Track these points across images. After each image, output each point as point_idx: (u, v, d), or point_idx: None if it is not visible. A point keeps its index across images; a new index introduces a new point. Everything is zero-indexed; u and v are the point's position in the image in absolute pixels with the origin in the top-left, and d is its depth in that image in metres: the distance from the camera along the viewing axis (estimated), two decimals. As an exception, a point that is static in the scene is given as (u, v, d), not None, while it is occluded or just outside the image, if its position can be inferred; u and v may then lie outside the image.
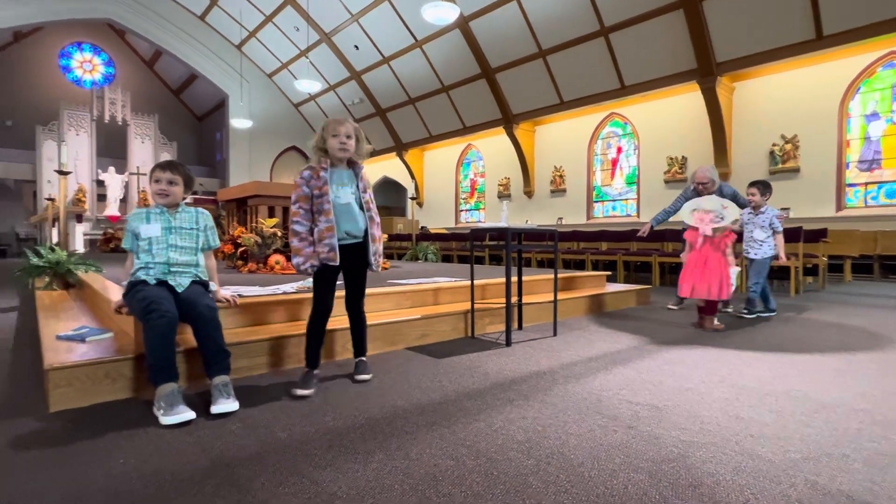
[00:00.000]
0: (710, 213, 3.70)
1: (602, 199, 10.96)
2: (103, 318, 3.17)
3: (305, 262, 2.29)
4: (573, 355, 2.93)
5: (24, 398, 2.11)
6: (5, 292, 5.73)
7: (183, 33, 15.26)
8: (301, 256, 2.29)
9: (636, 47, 8.88)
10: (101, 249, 12.63)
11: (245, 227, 5.65)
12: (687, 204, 3.88)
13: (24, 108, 16.58)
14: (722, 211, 3.65)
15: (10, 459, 1.54)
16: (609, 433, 1.77)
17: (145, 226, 2.26)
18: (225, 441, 1.69)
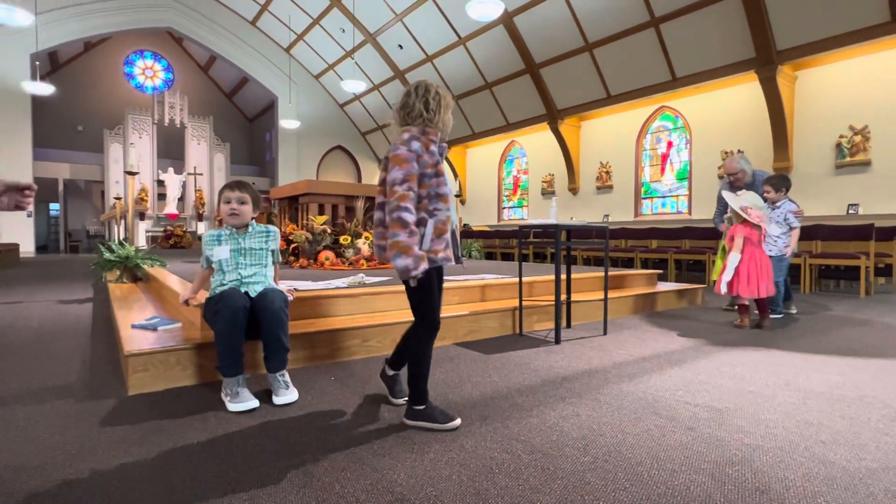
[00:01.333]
0: (764, 211, 3.60)
1: (651, 196, 10.62)
2: (170, 309, 3.37)
3: (417, 265, 1.68)
4: (625, 354, 2.87)
5: (105, 381, 2.28)
6: (81, 285, 6.18)
7: (235, 38, 15.90)
8: (410, 257, 1.67)
9: (689, 37, 8.53)
10: (162, 245, 13.38)
11: (296, 224, 5.84)
12: (735, 200, 3.68)
13: (93, 114, 17.76)
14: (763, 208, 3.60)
15: (97, 437, 1.67)
16: (667, 434, 1.73)
17: (217, 248, 2.30)
18: (288, 427, 1.77)
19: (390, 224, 1.70)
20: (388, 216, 1.72)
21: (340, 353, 2.70)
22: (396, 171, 1.73)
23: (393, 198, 1.71)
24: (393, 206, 1.70)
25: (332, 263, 5.14)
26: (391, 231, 1.70)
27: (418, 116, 1.84)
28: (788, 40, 7.67)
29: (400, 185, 1.71)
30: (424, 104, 1.85)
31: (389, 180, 1.74)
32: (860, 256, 5.61)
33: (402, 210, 1.69)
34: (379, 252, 1.85)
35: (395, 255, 1.68)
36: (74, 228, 17.61)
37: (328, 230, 5.32)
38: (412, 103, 1.86)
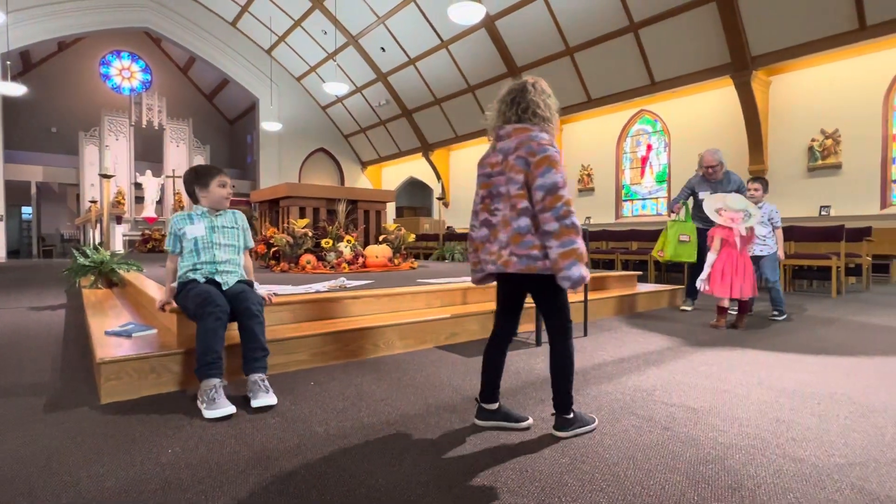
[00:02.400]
0: (739, 213, 3.63)
1: (631, 198, 10.78)
2: (146, 315, 3.31)
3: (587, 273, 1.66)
4: (604, 356, 2.90)
5: (77, 390, 2.22)
6: (54, 291, 6.01)
7: (215, 39, 15.69)
8: (584, 265, 1.64)
9: (667, 42, 8.69)
10: (140, 250, 13.11)
11: (277, 228, 5.78)
12: (710, 201, 3.76)
13: (68, 115, 17.34)
14: (749, 209, 3.63)
15: (68, 447, 1.63)
16: (644, 434, 1.75)
17: (190, 226, 2.37)
18: (265, 434, 1.74)
19: (563, 230, 1.58)
20: (558, 222, 1.59)
21: (320, 357, 2.67)
22: (555, 173, 1.61)
23: (560, 202, 1.59)
24: (564, 211, 1.59)
25: (314, 267, 5.10)
26: (566, 238, 1.58)
27: (537, 115, 1.74)
28: (762, 46, 7.87)
29: (563, 189, 1.61)
30: (545, 103, 1.77)
31: (548, 184, 1.60)
32: (831, 257, 5.76)
33: (574, 216, 1.61)
34: (527, 262, 1.65)
35: (573, 264, 1.59)
36: (48, 233, 17.15)
37: (309, 233, 5.28)
38: (535, 100, 1.74)
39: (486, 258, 1.79)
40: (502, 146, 1.75)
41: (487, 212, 1.80)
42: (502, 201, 1.73)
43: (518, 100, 1.76)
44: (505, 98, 1.80)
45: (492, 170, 1.78)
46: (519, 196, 1.66)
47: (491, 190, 1.79)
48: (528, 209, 1.65)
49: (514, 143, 1.71)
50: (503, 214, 1.72)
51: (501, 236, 1.71)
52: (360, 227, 6.00)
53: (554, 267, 1.61)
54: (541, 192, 1.61)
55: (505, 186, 1.72)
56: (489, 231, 1.79)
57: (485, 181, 1.82)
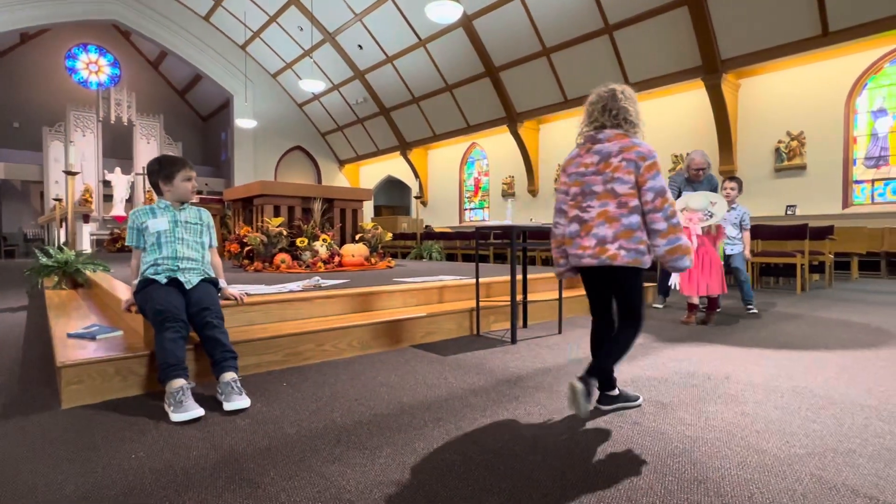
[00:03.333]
0: (697, 213, 3.70)
1: (606, 198, 10.99)
2: (113, 316, 3.21)
3: None
4: (578, 353, 2.94)
5: (37, 395, 2.14)
6: (14, 292, 5.79)
7: (187, 34, 15.32)
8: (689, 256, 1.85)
9: (640, 45, 8.85)
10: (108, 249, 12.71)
11: (251, 227, 5.68)
12: (677, 202, 3.85)
13: (31, 110, 16.70)
14: (710, 208, 3.68)
15: (25, 455, 1.57)
16: (615, 429, 1.78)
17: (152, 220, 2.32)
18: (234, 437, 1.71)
19: (671, 229, 1.79)
20: (667, 222, 1.79)
21: (294, 358, 2.64)
22: (661, 178, 1.81)
23: (667, 204, 1.80)
24: (671, 211, 1.80)
25: (289, 266, 5.03)
26: (675, 235, 1.80)
27: (628, 121, 1.89)
28: (732, 50, 8.08)
29: (668, 192, 1.82)
30: (635, 110, 1.92)
31: (658, 187, 1.79)
32: (796, 255, 5.96)
33: (679, 216, 1.84)
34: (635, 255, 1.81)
35: (682, 257, 1.81)
36: (10, 232, 16.50)
37: (284, 232, 5.20)
38: (625, 107, 1.89)
39: (578, 252, 1.90)
40: (600, 148, 1.88)
41: (578, 208, 1.91)
42: (597, 199, 1.86)
43: (609, 106, 1.89)
44: (595, 104, 1.93)
45: (586, 169, 1.90)
46: (629, 195, 1.81)
47: (584, 188, 1.90)
48: (638, 207, 1.82)
49: (616, 147, 1.85)
50: (600, 211, 1.85)
51: (601, 231, 1.84)
52: (337, 226, 5.94)
53: (661, 260, 1.83)
54: (651, 193, 1.79)
55: (605, 185, 1.85)
56: (580, 226, 1.90)
57: (577, 179, 1.92)
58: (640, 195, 1.81)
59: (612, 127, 1.89)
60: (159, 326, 2.07)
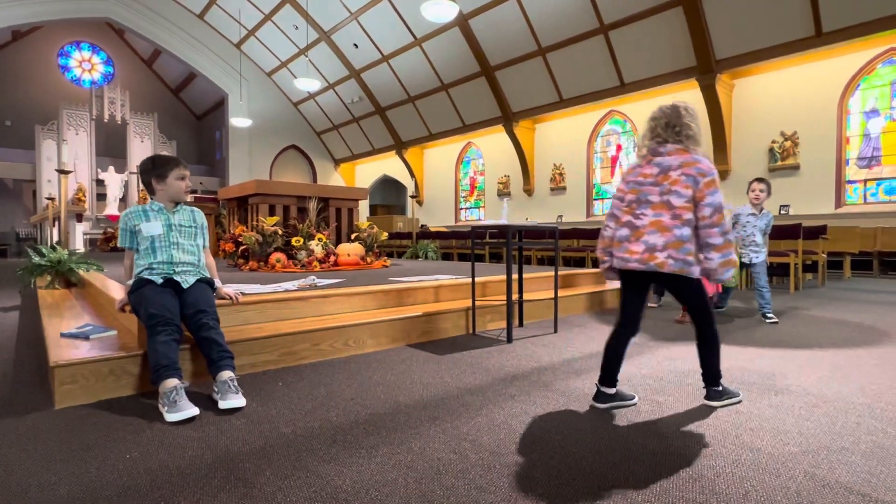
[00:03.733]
0: None
1: (602, 197, 10.98)
2: (106, 316, 3.19)
3: None
4: (574, 351, 2.95)
5: (30, 395, 2.12)
6: (7, 291, 5.74)
7: (182, 32, 15.24)
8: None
9: (636, 45, 8.88)
10: (102, 249, 12.63)
11: (246, 226, 5.66)
12: None
13: (23, 108, 16.57)
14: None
15: (18, 455, 1.55)
16: (610, 427, 1.78)
17: (146, 224, 2.30)
18: (230, 436, 1.70)
19: (726, 244, 1.89)
20: (723, 237, 1.88)
21: (289, 357, 2.63)
22: (719, 195, 1.90)
23: (724, 220, 1.90)
24: (727, 227, 1.91)
25: (284, 266, 5.01)
26: (727, 250, 1.89)
27: (690, 137, 1.97)
28: (726, 50, 8.12)
29: (724, 209, 1.92)
30: (697, 126, 2.00)
31: (716, 204, 1.87)
32: (790, 254, 5.99)
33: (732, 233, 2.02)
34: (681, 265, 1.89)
35: (729, 269, 1.91)
36: (2, 231, 16.36)
37: (280, 232, 5.19)
38: (687, 124, 1.97)
39: (625, 256, 1.99)
40: (661, 161, 1.96)
41: (631, 215, 2.00)
42: (651, 208, 1.95)
43: (672, 123, 1.97)
44: (658, 119, 2.01)
45: (644, 179, 1.98)
46: (684, 208, 1.89)
47: (639, 196, 1.98)
48: (691, 221, 1.90)
49: (677, 161, 1.92)
50: (653, 220, 1.94)
51: (651, 239, 1.93)
52: (332, 225, 5.93)
53: (712, 272, 1.92)
54: (709, 209, 1.87)
55: (661, 197, 1.93)
56: (631, 232, 1.98)
57: (635, 188, 2.00)
58: (697, 210, 1.89)
59: (674, 142, 1.96)
60: (151, 330, 2.06)
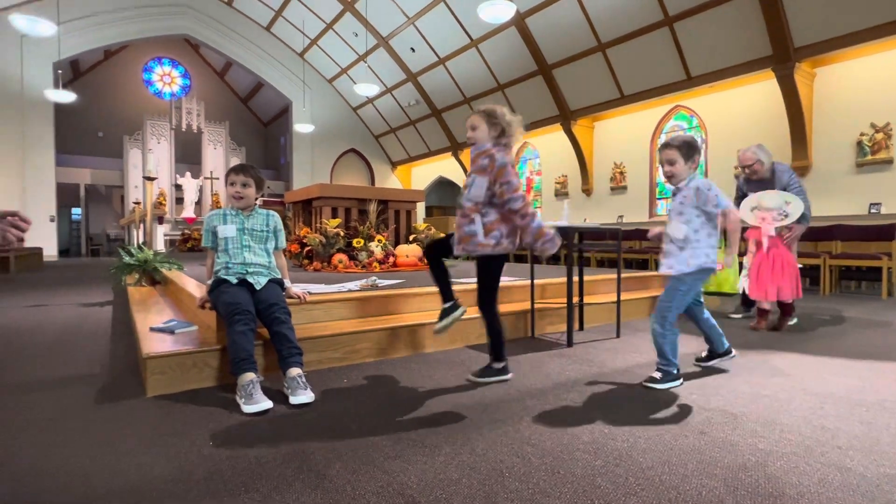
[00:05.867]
0: (771, 212, 3.47)
1: (666, 196, 10.51)
2: (186, 312, 3.44)
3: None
4: (638, 358, 2.85)
5: (125, 383, 2.33)
6: (101, 288, 6.32)
7: (250, 44, 16.12)
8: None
9: (704, 35, 8.43)
10: (180, 249, 13.61)
11: (310, 228, 5.91)
12: (746, 201, 3.61)
13: (113, 120, 18.15)
14: (785, 207, 3.43)
15: (119, 437, 1.72)
16: (680, 438, 1.71)
17: (222, 226, 2.46)
18: (301, 429, 1.79)
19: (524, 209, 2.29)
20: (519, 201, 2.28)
21: (353, 355, 2.72)
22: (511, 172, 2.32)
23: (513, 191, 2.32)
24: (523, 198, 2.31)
25: (346, 266, 5.19)
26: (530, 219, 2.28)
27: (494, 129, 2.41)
28: (806, 37, 7.54)
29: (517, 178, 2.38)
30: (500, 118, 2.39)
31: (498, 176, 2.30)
32: (882, 257, 5.48)
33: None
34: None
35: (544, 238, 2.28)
36: (95, 232, 17.99)
37: (341, 233, 5.37)
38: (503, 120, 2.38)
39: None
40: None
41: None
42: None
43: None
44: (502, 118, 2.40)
45: None
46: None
47: None
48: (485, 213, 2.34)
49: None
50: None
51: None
52: (391, 227, 6.06)
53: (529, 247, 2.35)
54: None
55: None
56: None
57: None
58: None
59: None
60: (230, 319, 2.19)
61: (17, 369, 2.56)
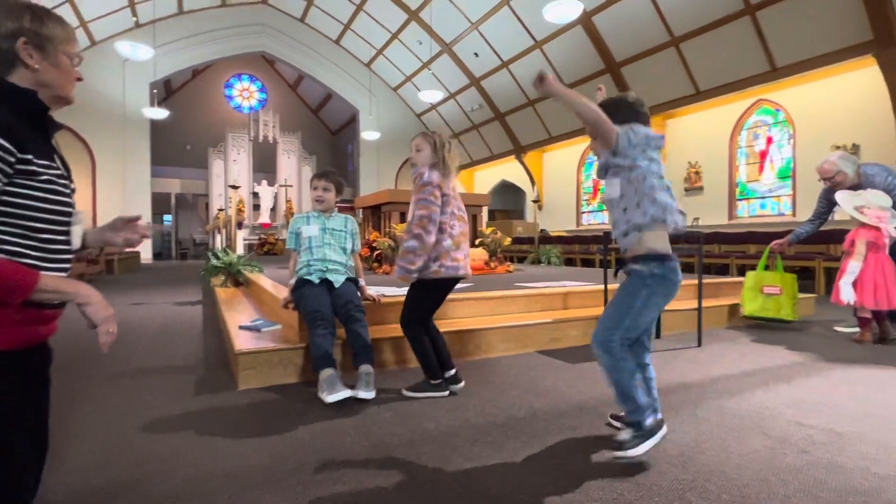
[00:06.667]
0: (886, 211, 3.14)
1: (748, 197, 9.82)
2: (269, 312, 3.65)
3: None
4: (723, 368, 2.68)
5: (218, 377, 2.52)
6: (190, 288, 6.86)
7: (321, 57, 16.92)
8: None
9: (791, 22, 7.81)
10: (258, 252, 14.46)
11: (379, 232, 6.08)
12: (846, 198, 3.26)
13: (199, 134, 19.69)
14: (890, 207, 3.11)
15: (216, 426, 1.86)
16: (778, 456, 1.59)
17: (306, 227, 2.63)
18: (381, 427, 1.85)
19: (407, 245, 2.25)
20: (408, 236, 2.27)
21: (425, 357, 2.76)
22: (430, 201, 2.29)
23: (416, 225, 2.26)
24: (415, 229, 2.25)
25: (413, 269, 5.28)
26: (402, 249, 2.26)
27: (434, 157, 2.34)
28: (915, 18, 6.79)
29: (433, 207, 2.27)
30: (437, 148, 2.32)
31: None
32: None
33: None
34: None
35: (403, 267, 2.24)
36: (183, 237, 19.56)
37: (409, 237, 5.48)
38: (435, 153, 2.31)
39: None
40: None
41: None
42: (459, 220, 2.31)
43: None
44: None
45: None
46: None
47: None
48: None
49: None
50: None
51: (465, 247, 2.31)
52: (457, 231, 6.10)
53: None
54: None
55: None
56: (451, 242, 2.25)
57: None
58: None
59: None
60: (312, 324, 2.32)
61: (127, 359, 2.84)
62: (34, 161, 0.97)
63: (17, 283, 0.91)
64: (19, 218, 0.97)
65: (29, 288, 0.93)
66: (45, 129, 1.06)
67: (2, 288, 0.90)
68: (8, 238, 0.96)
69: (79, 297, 1.01)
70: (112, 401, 2.15)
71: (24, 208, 0.97)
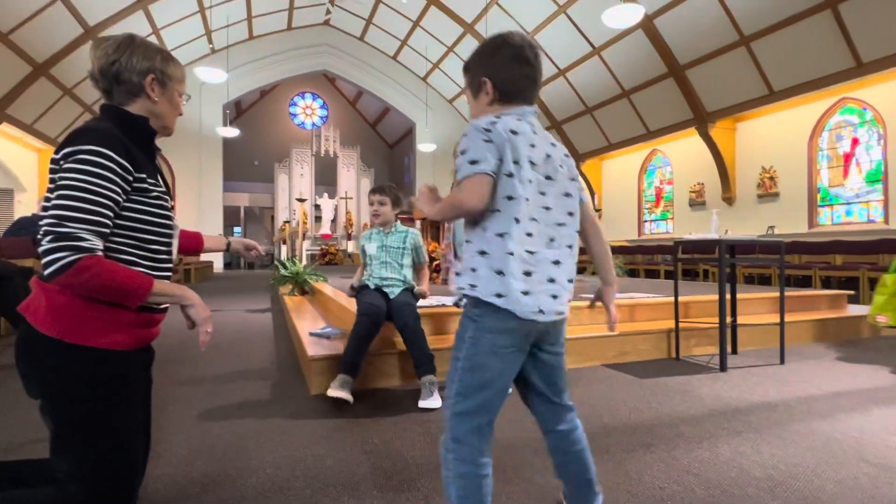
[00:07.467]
0: None
1: (831, 203, 9.09)
2: (334, 320, 3.78)
3: None
4: (811, 388, 2.49)
5: (290, 381, 2.64)
6: (260, 296, 7.23)
7: (379, 73, 17.47)
8: None
9: (877, 15, 7.22)
10: (319, 262, 15.05)
11: (438, 242, 6.16)
12: None
13: (266, 150, 20.84)
14: None
15: (293, 429, 1.94)
16: (882, 485, 1.46)
17: (368, 244, 2.72)
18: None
19: None
20: None
21: (488, 367, 2.76)
22: None
23: None
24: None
25: (472, 279, 5.29)
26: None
27: None
28: None
29: None
30: None
31: None
32: None
33: None
34: None
35: None
36: (251, 248, 20.67)
37: (468, 247, 5.51)
38: None
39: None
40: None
41: None
42: None
43: None
44: None
45: None
46: None
47: None
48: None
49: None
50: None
51: None
52: (515, 241, 6.07)
53: None
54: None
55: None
56: None
57: None
58: None
59: None
60: (358, 318, 2.37)
61: (208, 364, 3.03)
62: (147, 180, 1.08)
63: (136, 288, 1.02)
64: (133, 230, 1.08)
65: (146, 292, 1.03)
66: (152, 151, 1.19)
67: (123, 292, 1.01)
68: (124, 248, 1.07)
69: (185, 299, 1.12)
70: (196, 402, 2.31)
71: (137, 222, 1.08)
